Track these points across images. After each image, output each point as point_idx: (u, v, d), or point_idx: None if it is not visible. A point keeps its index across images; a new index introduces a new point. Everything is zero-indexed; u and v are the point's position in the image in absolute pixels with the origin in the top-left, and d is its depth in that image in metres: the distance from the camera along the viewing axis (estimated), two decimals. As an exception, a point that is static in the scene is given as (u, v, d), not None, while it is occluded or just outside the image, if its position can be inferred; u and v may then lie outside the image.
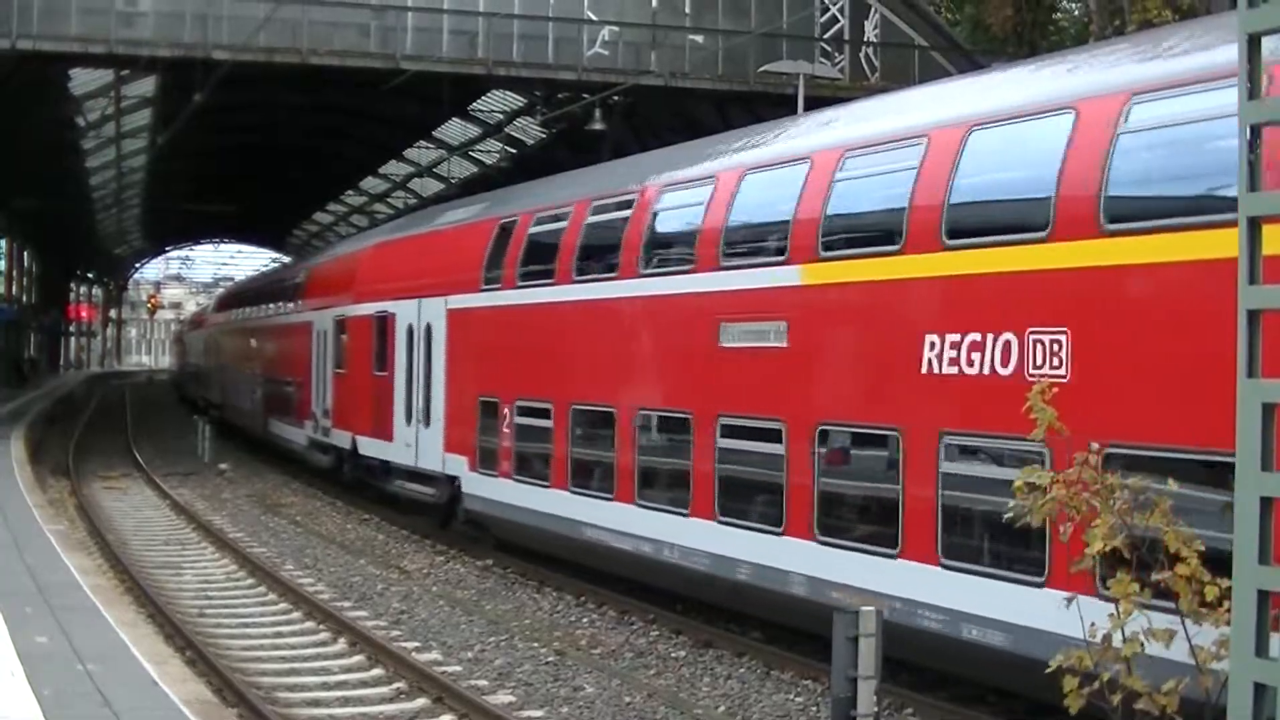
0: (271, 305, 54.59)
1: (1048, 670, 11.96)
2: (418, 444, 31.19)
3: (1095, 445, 12.13)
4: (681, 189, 22.07)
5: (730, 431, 19.70)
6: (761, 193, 20.11)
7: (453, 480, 29.23)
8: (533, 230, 26.55)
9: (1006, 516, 12.49)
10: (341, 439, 37.56)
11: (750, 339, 19.39)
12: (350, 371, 37.17)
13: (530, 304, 26.19)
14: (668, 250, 22.21)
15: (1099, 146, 14.07)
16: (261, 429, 51.86)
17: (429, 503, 31.11)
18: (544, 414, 25.22)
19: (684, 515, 20.51)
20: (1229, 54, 9.71)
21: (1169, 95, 13.76)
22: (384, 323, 33.77)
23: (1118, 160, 13.92)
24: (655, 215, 22.53)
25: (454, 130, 72.45)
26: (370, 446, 34.70)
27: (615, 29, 49.64)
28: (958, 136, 16.03)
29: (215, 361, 73.44)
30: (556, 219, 25.70)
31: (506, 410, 26.57)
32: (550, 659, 19.71)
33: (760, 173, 20.14)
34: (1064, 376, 13.82)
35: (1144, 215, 13.76)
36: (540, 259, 25.97)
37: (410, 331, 31.83)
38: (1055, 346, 14.17)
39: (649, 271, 22.08)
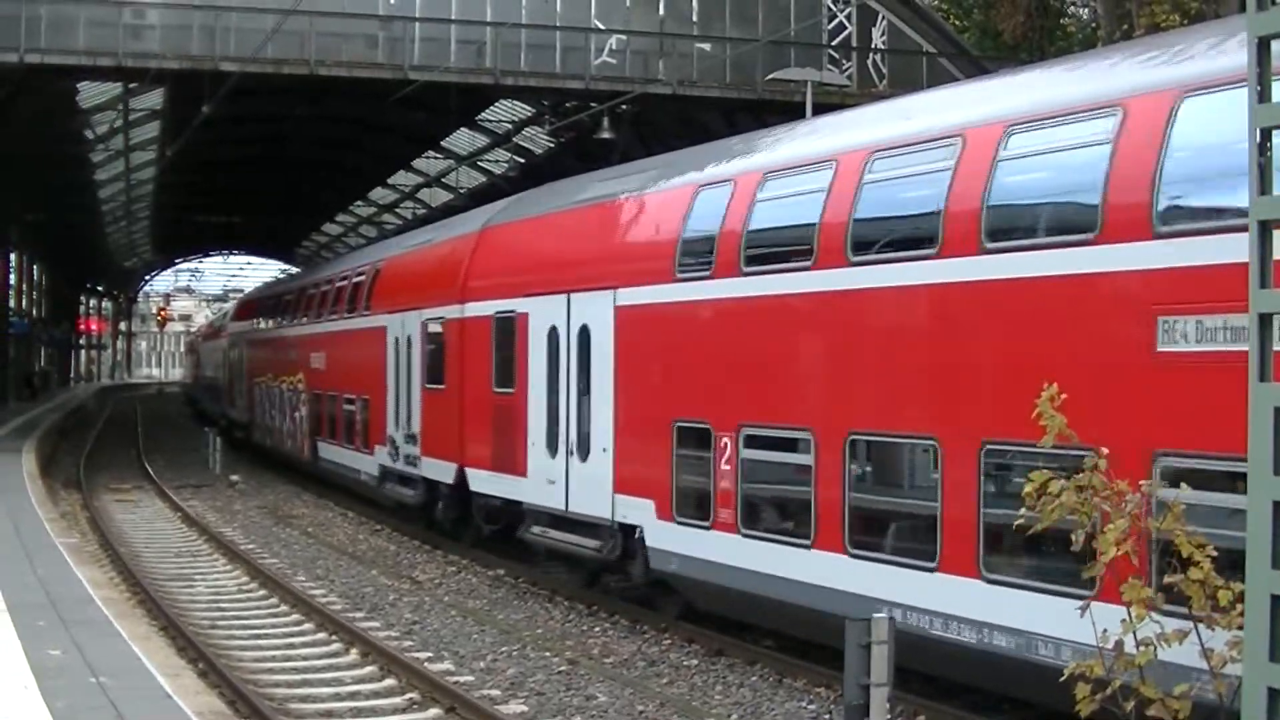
0: (322, 309, 44.48)
1: (1061, 679, 11.93)
2: (568, 481, 24.27)
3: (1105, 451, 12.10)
4: (1058, 123, 15.29)
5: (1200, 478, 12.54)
6: None
7: (629, 531, 22.49)
8: (766, 196, 19.84)
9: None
10: (437, 470, 30.67)
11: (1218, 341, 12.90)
12: (453, 387, 29.80)
13: (769, 296, 19.40)
14: (1038, 214, 15.61)
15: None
16: (306, 454, 44.51)
17: (587, 558, 24.30)
18: (795, 446, 18.92)
19: (1076, 594, 12.93)
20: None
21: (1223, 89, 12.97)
22: (508, 326, 26.81)
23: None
24: (1005, 165, 15.69)
25: (462, 140, 72.42)
26: (488, 482, 27.84)
27: (623, 38, 49.66)
28: None
29: (238, 375, 63.53)
30: (811, 178, 18.93)
31: (726, 440, 19.85)
32: (563, 668, 19.69)
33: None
34: None
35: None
36: (784, 236, 19.57)
37: (554, 336, 24.85)
38: None
39: (1002, 245, 15.46)
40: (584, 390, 23.79)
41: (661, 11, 50.77)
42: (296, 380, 46.48)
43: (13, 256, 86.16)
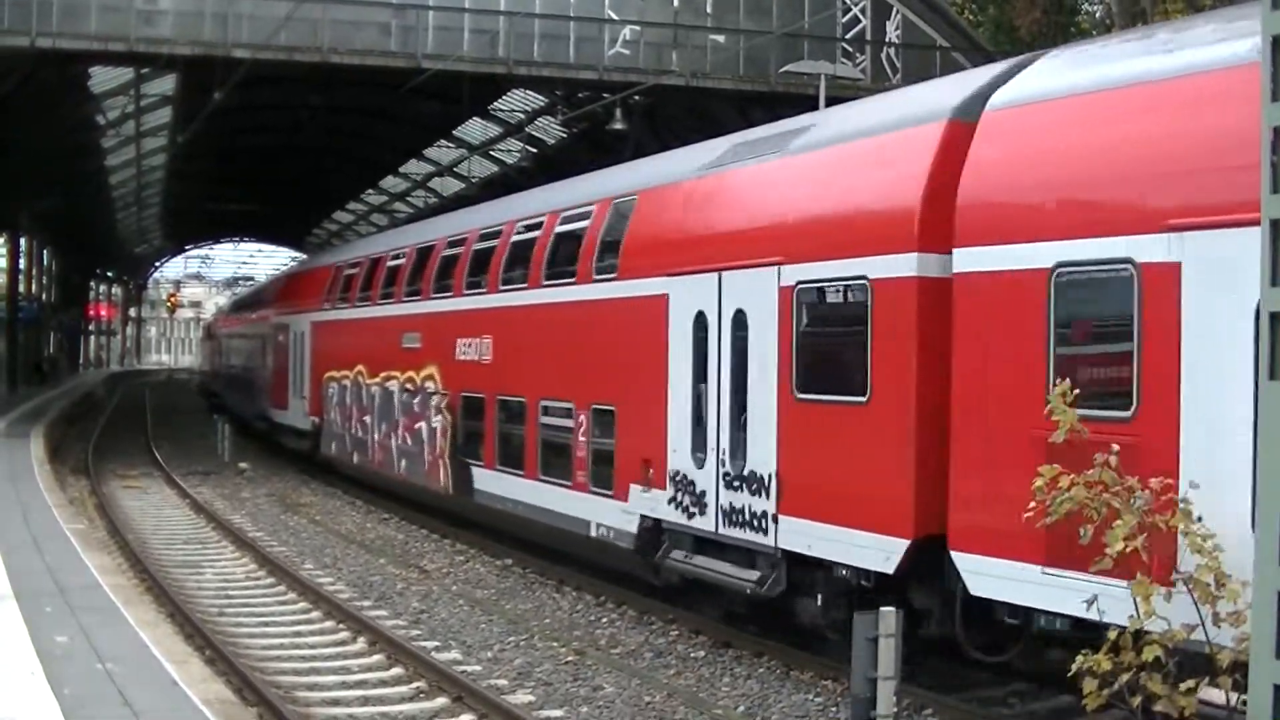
0: (482, 275, 29.82)
1: (1070, 675, 11.93)
2: None
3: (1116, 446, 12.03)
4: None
5: None
6: None
7: None
8: None
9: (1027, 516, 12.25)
10: (832, 543, 17.41)
11: None
12: (898, 401, 16.39)
13: None
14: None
15: None
16: (443, 482, 31.31)
17: None
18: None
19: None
20: None
21: None
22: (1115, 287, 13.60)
23: None
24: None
25: (474, 130, 72.41)
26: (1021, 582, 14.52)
27: (636, 29, 49.56)
28: None
29: (296, 367, 47.70)
30: None
31: None
32: (570, 658, 19.70)
33: None
34: None
35: None
36: None
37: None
38: None
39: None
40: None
41: (675, 3, 50.62)
42: (422, 376, 33.15)
43: (22, 242, 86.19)
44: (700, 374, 20.34)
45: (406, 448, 33.94)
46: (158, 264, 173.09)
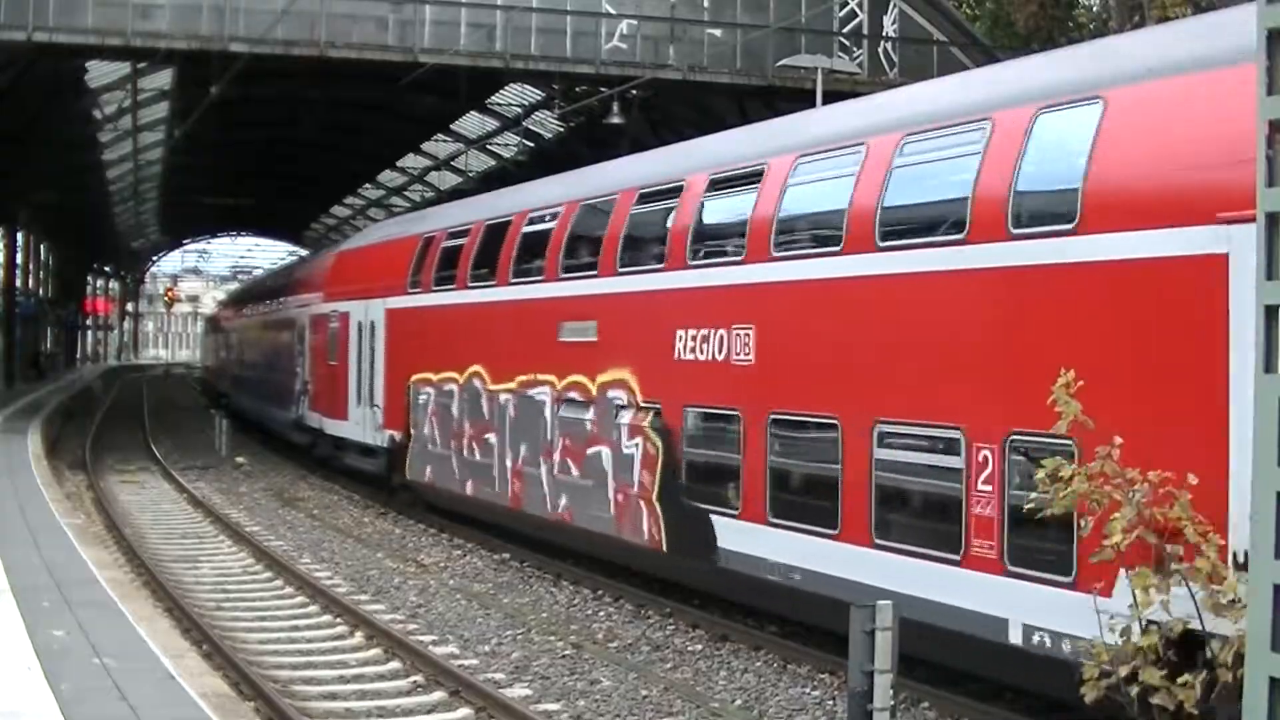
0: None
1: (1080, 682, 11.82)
2: None
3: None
4: None
5: None
6: None
7: None
8: None
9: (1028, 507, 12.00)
10: None
11: None
12: None
13: None
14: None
15: None
16: (654, 536, 21.86)
17: None
18: None
19: None
20: None
21: None
22: None
23: None
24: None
25: (472, 124, 72.42)
26: None
27: (633, 23, 49.55)
28: None
29: (361, 368, 37.30)
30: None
31: None
32: (567, 652, 19.71)
33: None
34: None
35: None
36: None
37: None
38: None
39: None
40: None
41: (672, -3, 50.70)
42: (601, 382, 23.71)
43: (20, 236, 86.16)
44: None
45: (571, 481, 24.70)
46: (155, 258, 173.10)
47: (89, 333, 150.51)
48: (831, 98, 30.41)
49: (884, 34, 51.31)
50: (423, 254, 32.90)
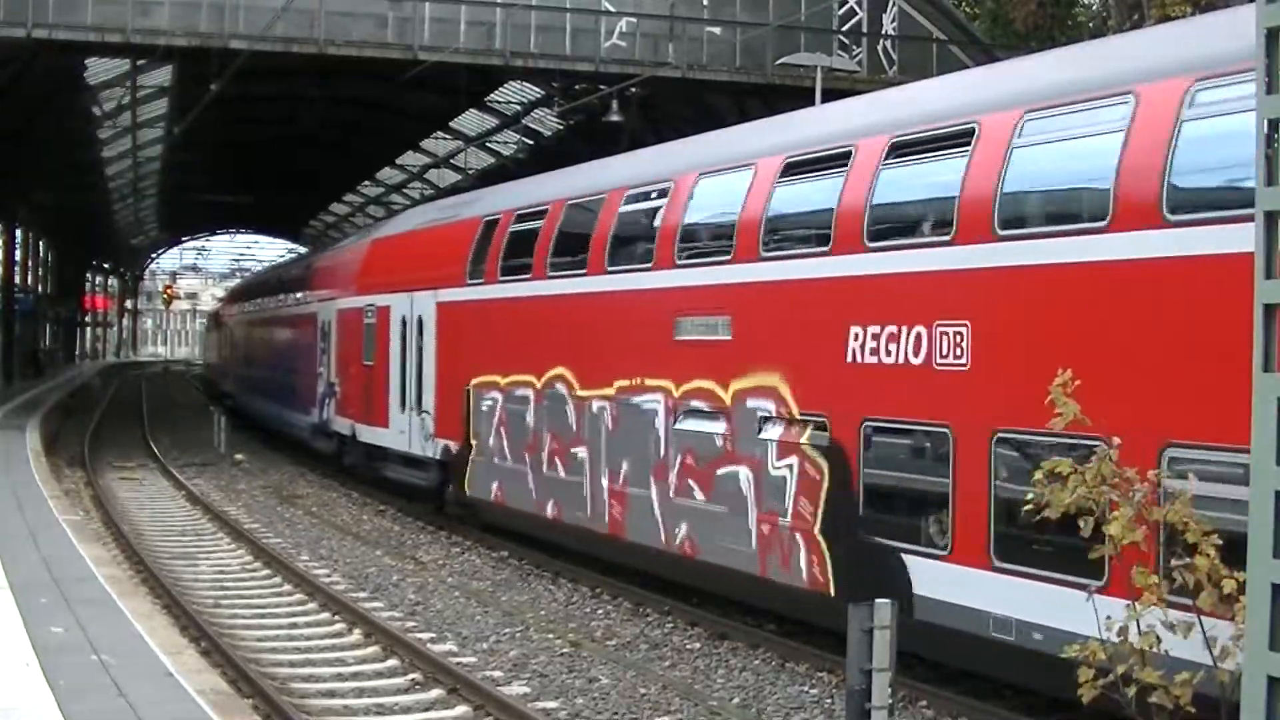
0: None
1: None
2: None
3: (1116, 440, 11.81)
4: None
5: None
6: None
7: None
8: None
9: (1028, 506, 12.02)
10: None
11: None
12: None
13: None
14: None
15: None
16: (820, 577, 18.03)
17: None
18: None
19: None
20: None
21: None
22: None
23: None
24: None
25: (471, 121, 72.35)
26: None
27: (633, 20, 49.53)
28: None
29: (408, 369, 33.21)
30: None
31: None
32: (565, 650, 19.70)
33: None
34: None
35: None
36: None
37: None
38: None
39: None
40: None
41: (671, -5, 50.69)
42: (735, 390, 19.89)
43: (19, 233, 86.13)
44: None
45: (694, 507, 20.87)
46: (154, 255, 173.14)
47: (88, 330, 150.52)
48: (830, 96, 30.36)
49: (883, 32, 51.31)
50: (485, 239, 28.80)
